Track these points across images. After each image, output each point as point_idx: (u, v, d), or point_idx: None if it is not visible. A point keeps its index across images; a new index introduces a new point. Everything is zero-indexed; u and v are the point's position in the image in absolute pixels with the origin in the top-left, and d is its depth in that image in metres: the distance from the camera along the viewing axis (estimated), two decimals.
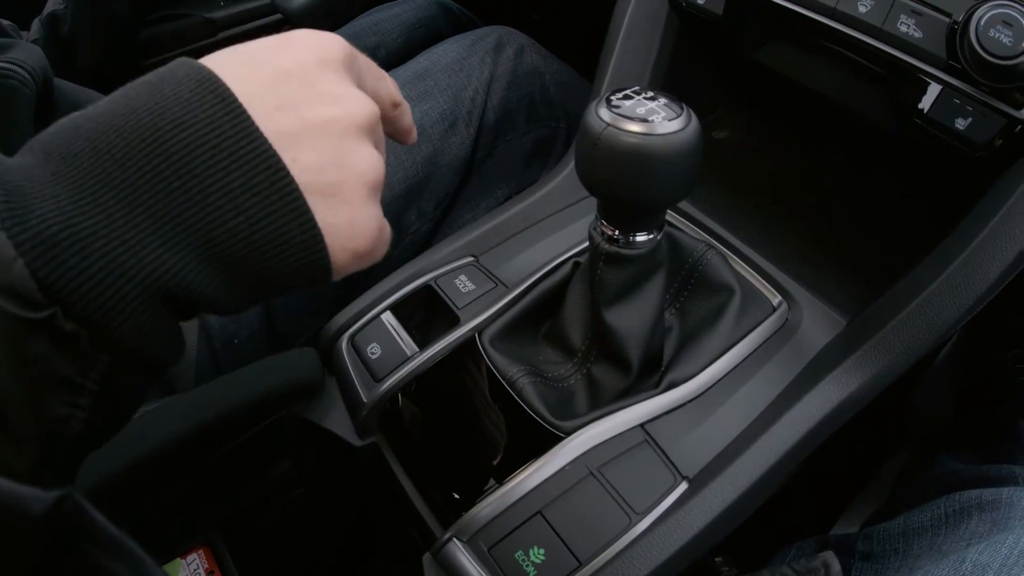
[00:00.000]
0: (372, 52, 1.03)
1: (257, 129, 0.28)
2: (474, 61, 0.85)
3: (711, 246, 0.59)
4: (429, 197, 0.81)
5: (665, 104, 0.44)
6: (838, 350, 0.52)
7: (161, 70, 0.30)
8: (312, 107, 0.30)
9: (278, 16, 1.20)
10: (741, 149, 0.74)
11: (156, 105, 0.28)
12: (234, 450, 0.56)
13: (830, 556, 0.47)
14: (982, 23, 0.45)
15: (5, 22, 0.86)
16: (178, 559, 0.55)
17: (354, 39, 1.04)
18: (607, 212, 0.48)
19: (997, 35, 0.44)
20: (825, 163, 0.70)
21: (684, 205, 0.65)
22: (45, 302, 0.24)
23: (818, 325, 0.56)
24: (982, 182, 0.51)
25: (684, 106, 0.45)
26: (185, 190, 0.27)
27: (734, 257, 0.60)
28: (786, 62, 0.63)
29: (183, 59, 0.30)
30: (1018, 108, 0.46)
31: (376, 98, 0.35)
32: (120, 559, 0.29)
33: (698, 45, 0.70)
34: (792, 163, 0.71)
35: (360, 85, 0.34)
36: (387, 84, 0.38)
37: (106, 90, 0.70)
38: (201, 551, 0.55)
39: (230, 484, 0.59)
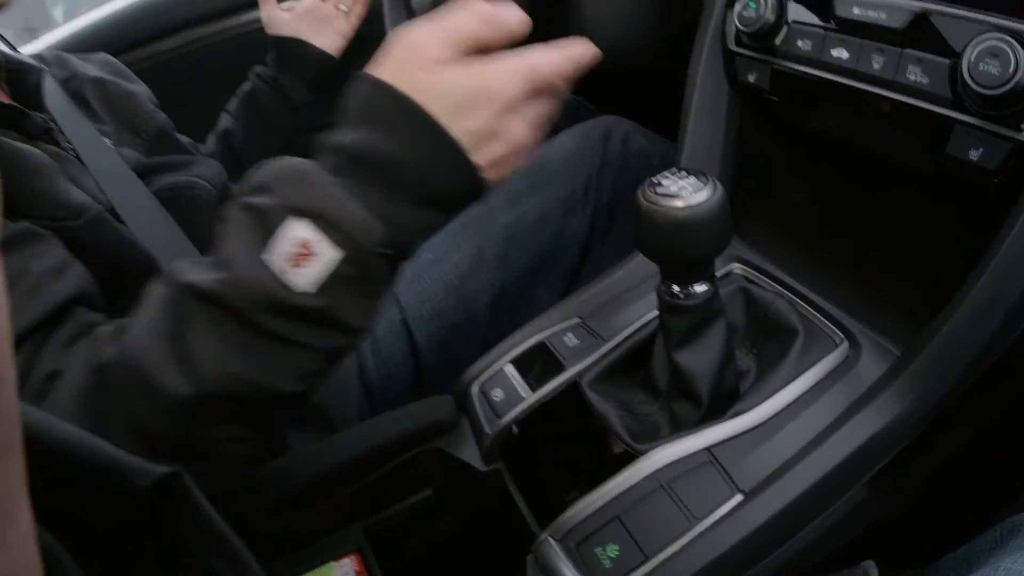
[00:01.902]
0: None
1: (463, 151, 0.54)
2: (586, 151, 0.99)
3: (780, 295, 0.69)
4: (554, 273, 0.95)
5: (694, 180, 0.56)
6: (886, 379, 0.60)
7: (402, 127, 0.53)
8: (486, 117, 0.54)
9: None
10: (806, 204, 0.83)
11: (411, 153, 0.54)
12: (384, 476, 0.71)
13: (870, 564, 0.54)
14: (972, 59, 0.51)
15: (185, 139, 1.06)
16: (332, 562, 0.67)
17: None
18: (664, 271, 0.60)
19: (986, 67, 0.51)
20: (882, 208, 0.78)
21: (757, 259, 0.76)
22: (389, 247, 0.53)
23: (875, 358, 0.63)
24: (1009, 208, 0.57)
25: (710, 178, 0.56)
26: (426, 187, 0.54)
27: (800, 302, 0.70)
28: (833, 122, 0.73)
29: (412, 111, 0.52)
30: (1018, 131, 0.52)
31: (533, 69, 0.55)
32: (220, 554, 0.31)
33: (760, 116, 0.81)
34: (851, 211, 0.79)
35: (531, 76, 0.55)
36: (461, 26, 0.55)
37: None
38: (353, 556, 0.69)
39: (379, 505, 0.74)
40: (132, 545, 0.29)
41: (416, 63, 0.54)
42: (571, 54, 0.57)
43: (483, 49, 0.55)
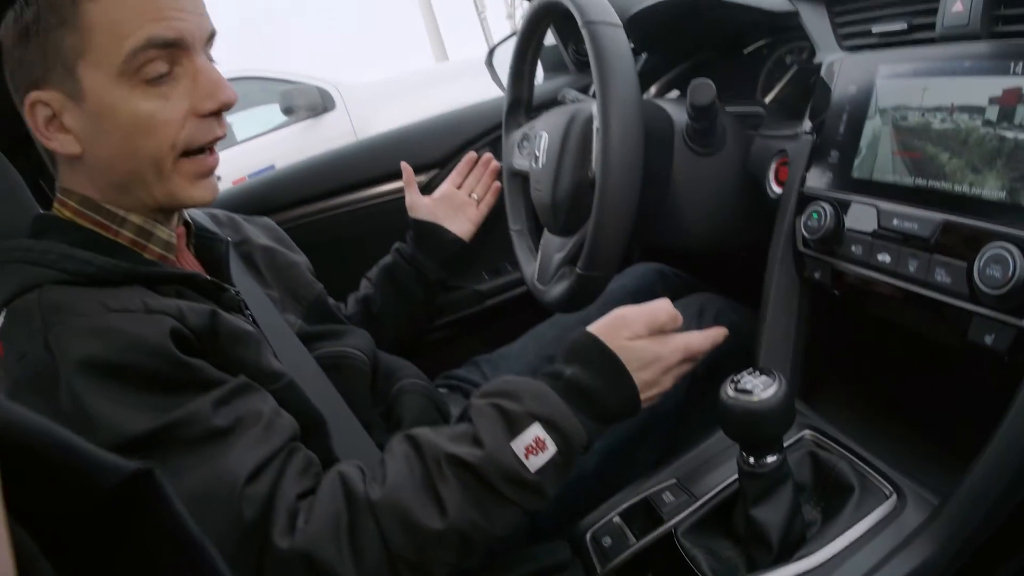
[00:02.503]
0: None
1: (638, 393, 0.85)
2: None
3: (842, 457, 0.85)
4: (655, 437, 1.12)
5: (765, 379, 0.74)
6: (923, 526, 0.75)
7: (608, 371, 0.84)
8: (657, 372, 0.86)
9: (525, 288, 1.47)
10: (869, 378, 1.00)
11: (609, 391, 0.84)
12: None
13: None
14: (981, 265, 0.70)
15: (332, 301, 1.27)
16: None
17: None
18: (741, 446, 0.78)
19: (992, 272, 0.68)
20: (927, 379, 0.94)
21: (824, 425, 0.93)
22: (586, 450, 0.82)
23: (918, 508, 0.78)
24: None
25: (778, 376, 0.75)
26: (613, 411, 0.84)
27: (858, 462, 0.86)
28: (883, 310, 0.91)
29: (615, 362, 0.84)
30: (1020, 320, 0.68)
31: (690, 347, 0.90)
32: (190, 561, 0.31)
33: (825, 305, 1.00)
34: (902, 382, 0.96)
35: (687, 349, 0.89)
36: (656, 315, 0.90)
37: (402, 353, 1.16)
38: None
39: None
40: (102, 546, 0.29)
41: (623, 332, 0.87)
42: (711, 337, 0.93)
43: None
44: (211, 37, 0.87)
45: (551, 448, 0.78)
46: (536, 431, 0.78)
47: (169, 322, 0.76)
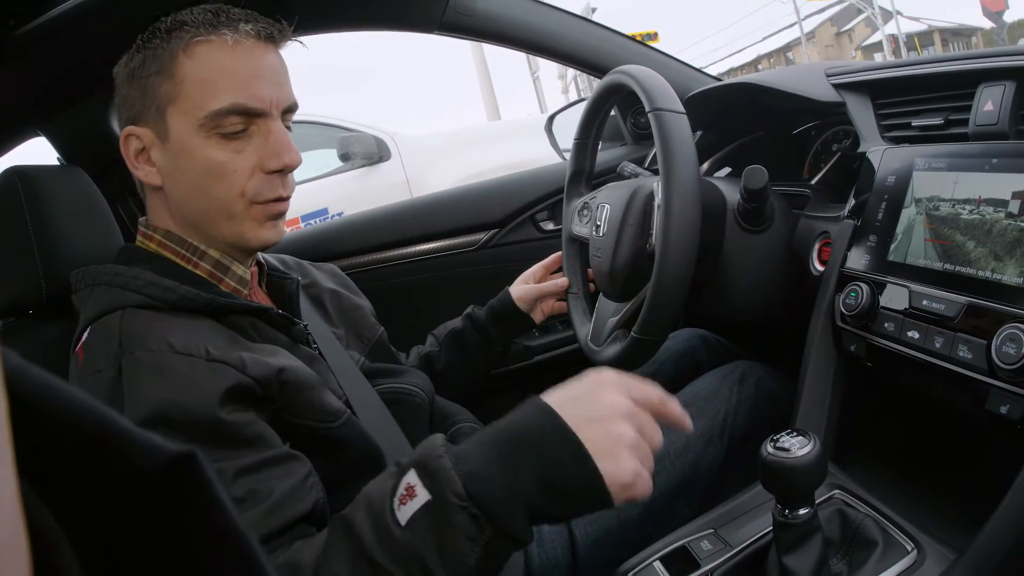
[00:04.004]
0: (653, 375, 1.36)
1: (571, 430, 0.71)
2: (724, 391, 1.27)
3: (868, 515, 0.94)
4: (693, 492, 1.20)
5: (801, 439, 0.84)
6: None
7: (526, 410, 0.76)
8: (597, 411, 0.74)
9: (576, 345, 1.53)
10: (895, 443, 1.09)
11: (524, 427, 0.74)
12: None
13: None
14: (998, 342, 0.79)
15: (392, 348, 1.37)
16: None
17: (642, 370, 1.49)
18: (777, 498, 0.87)
19: (1007, 349, 0.78)
20: (949, 445, 1.03)
21: (852, 486, 1.01)
22: (469, 501, 0.68)
23: (936, 562, 0.86)
24: None
25: (812, 437, 0.84)
26: (537, 461, 0.71)
27: (882, 519, 0.94)
28: (911, 381, 1.01)
29: (534, 400, 0.76)
30: None
31: (643, 401, 0.78)
32: (232, 557, 0.30)
33: (858, 376, 1.10)
34: (925, 447, 1.05)
35: (630, 396, 0.77)
36: (648, 390, 0.80)
37: (455, 401, 1.31)
38: None
39: None
40: (137, 534, 0.28)
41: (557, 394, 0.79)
42: (659, 394, 0.80)
43: None
44: (290, 109, 1.01)
45: (422, 495, 0.70)
46: (409, 477, 0.72)
47: (229, 375, 0.83)
